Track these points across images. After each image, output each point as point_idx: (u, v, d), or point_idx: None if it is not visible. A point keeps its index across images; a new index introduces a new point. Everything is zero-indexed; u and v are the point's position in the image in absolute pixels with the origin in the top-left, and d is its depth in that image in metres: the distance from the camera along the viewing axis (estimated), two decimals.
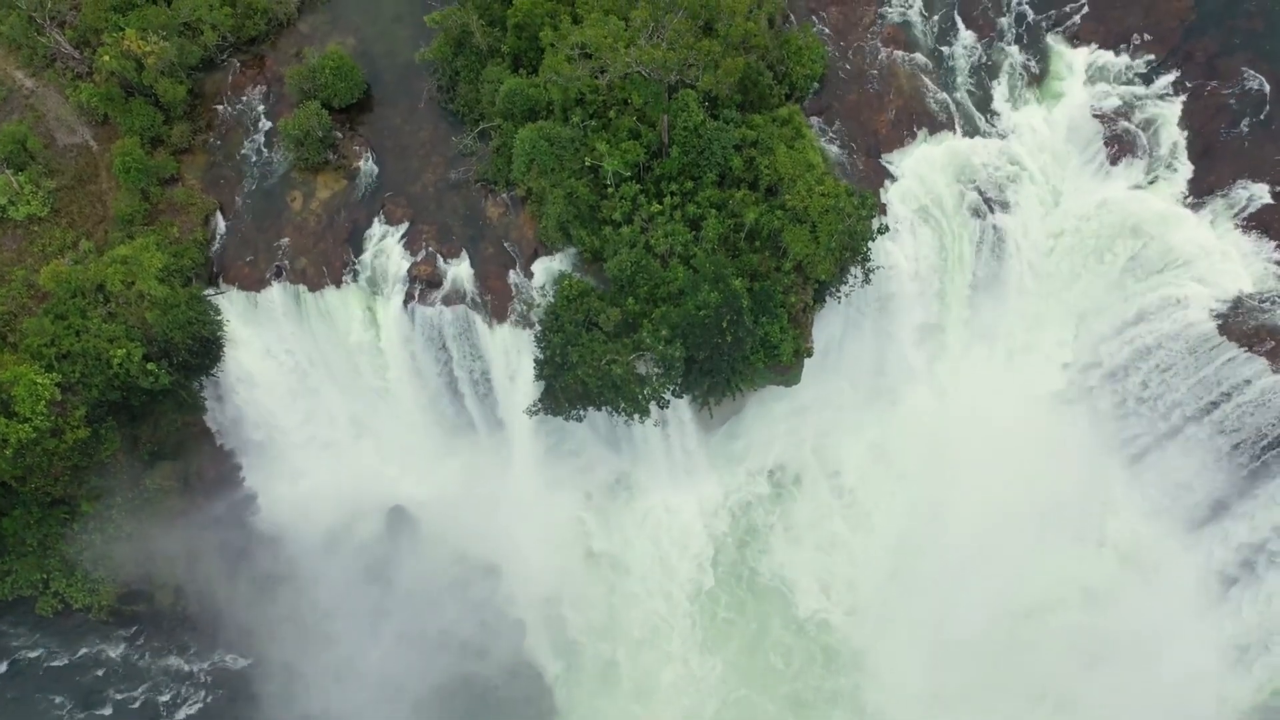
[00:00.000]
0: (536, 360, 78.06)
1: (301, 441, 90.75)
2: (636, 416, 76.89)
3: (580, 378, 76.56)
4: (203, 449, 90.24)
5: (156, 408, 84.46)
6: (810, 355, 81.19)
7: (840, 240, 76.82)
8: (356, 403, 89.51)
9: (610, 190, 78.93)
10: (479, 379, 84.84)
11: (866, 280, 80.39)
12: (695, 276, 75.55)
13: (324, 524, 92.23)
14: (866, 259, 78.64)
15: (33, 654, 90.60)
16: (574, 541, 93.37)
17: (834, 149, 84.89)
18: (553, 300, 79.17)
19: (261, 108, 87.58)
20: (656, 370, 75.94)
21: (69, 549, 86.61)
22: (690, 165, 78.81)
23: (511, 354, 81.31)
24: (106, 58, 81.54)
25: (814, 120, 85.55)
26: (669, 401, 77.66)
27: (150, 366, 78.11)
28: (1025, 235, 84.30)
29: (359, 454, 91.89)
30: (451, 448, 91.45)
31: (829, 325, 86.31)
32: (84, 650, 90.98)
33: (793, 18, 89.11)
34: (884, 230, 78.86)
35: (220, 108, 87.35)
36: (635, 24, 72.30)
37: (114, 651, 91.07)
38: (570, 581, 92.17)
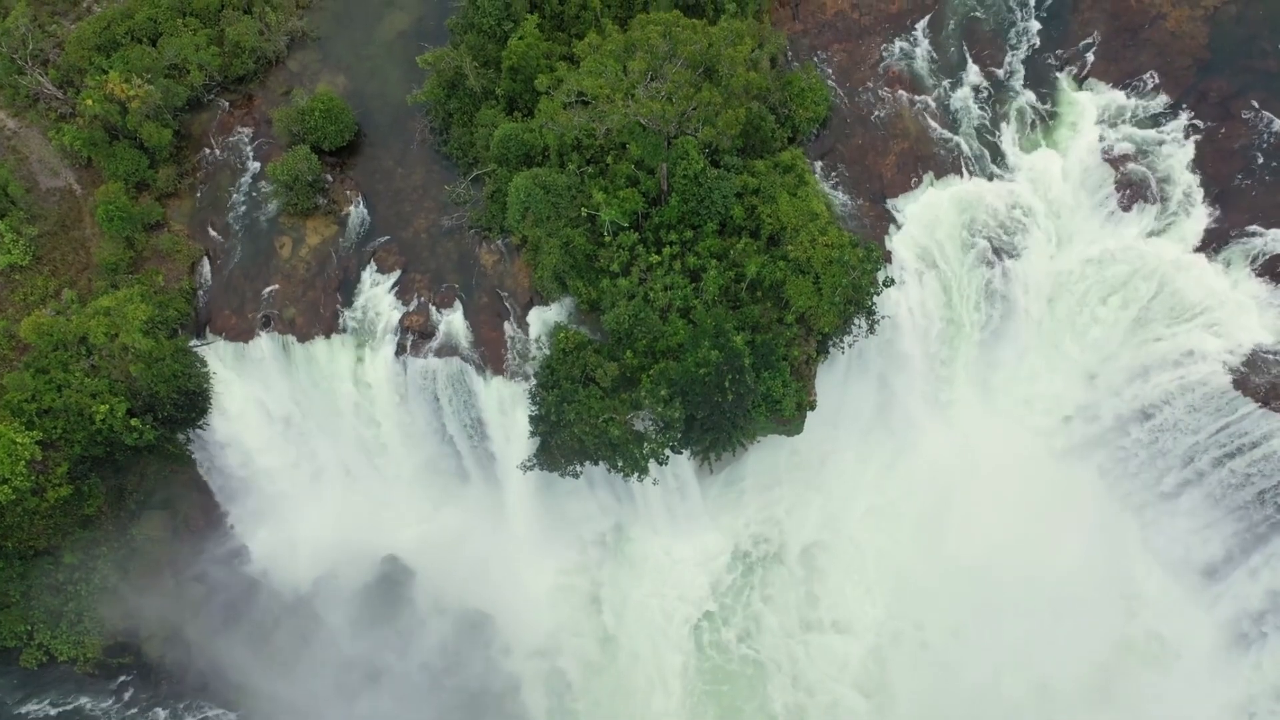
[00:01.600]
0: (531, 416, 75.84)
1: (291, 489, 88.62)
2: (635, 475, 74.59)
3: (577, 435, 74.40)
4: (191, 498, 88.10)
5: (142, 459, 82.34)
6: (813, 408, 78.97)
7: (844, 294, 74.59)
8: (348, 450, 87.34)
9: (607, 239, 76.69)
10: (473, 431, 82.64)
11: (871, 331, 78.14)
12: (695, 332, 73.32)
13: (315, 572, 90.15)
14: (872, 312, 76.34)
15: (17, 708, 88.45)
16: (571, 591, 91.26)
17: (838, 194, 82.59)
18: (548, 353, 77.00)
19: (249, 149, 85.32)
20: (655, 429, 73.74)
21: (54, 600, 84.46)
22: (690, 213, 76.56)
23: (507, 407, 79.13)
24: (89, 101, 79.28)
25: (817, 164, 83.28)
26: (668, 459, 75.42)
27: (134, 422, 75.94)
28: (1034, 283, 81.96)
29: (350, 502, 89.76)
30: (445, 495, 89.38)
31: (832, 372, 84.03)
32: (69, 703, 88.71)
33: (795, 57, 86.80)
34: (890, 283, 76.58)
35: (207, 149, 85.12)
36: (633, 74, 69.88)
37: (100, 705, 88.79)
38: (567, 633, 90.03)
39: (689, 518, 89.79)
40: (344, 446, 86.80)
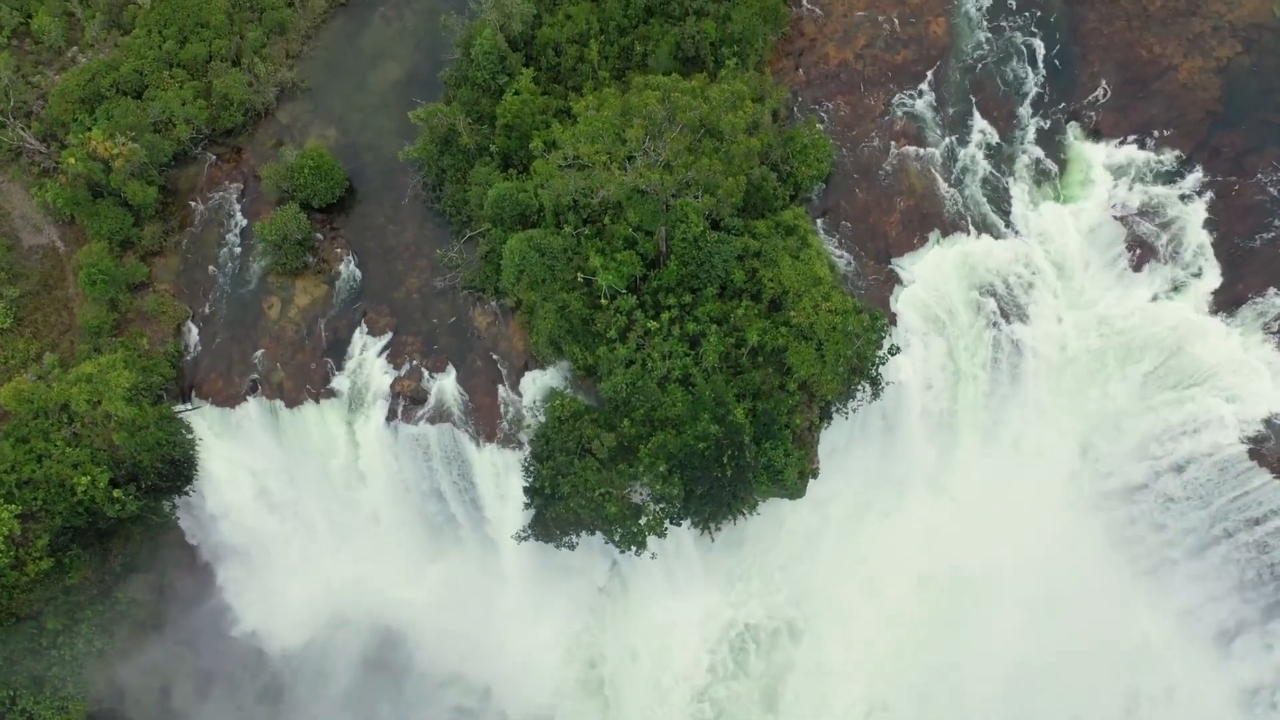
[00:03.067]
0: (526, 488, 73.68)
1: (281, 552, 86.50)
2: (633, 549, 72.39)
3: (572, 509, 72.28)
4: (178, 560, 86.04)
5: (126, 525, 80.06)
6: (815, 476, 76.85)
7: (848, 362, 72.46)
8: (338, 513, 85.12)
9: (604, 302, 74.49)
10: (467, 496, 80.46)
11: (876, 396, 75.95)
12: (695, 403, 71.13)
13: (305, 636, 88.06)
14: (876, 380, 74.19)
15: None
16: (568, 655, 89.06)
17: (841, 253, 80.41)
18: (543, 421, 74.84)
19: (237, 205, 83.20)
20: (653, 500, 71.59)
21: (36, 665, 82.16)
22: (689, 277, 74.34)
23: (501, 475, 77.00)
24: (72, 160, 77.14)
25: (819, 221, 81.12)
26: (667, 532, 73.25)
27: (117, 493, 73.78)
28: (1043, 345, 79.79)
29: (342, 564, 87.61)
30: (438, 558, 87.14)
31: (834, 432, 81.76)
32: None
33: (798, 109, 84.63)
34: (895, 351, 74.37)
35: (194, 205, 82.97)
36: (631, 142, 67.71)
37: None
38: (565, 699, 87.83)
39: (688, 579, 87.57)
40: (335, 509, 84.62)
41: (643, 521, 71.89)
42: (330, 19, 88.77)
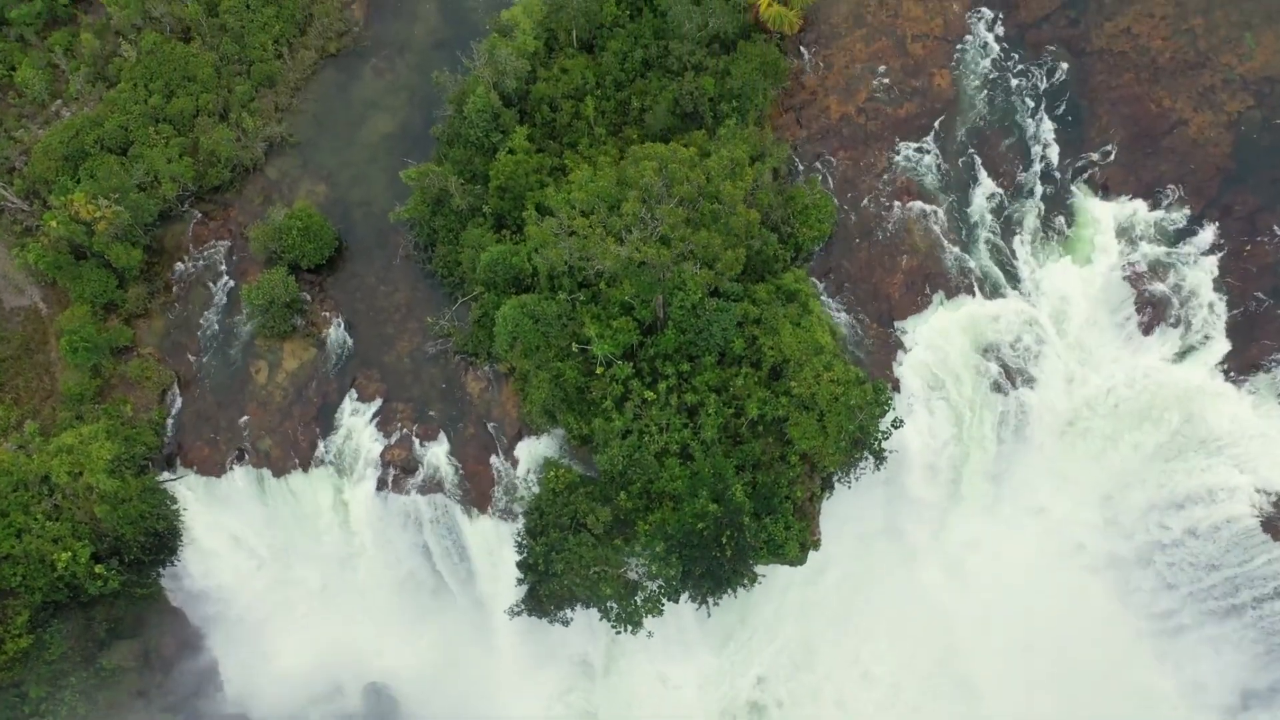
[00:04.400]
0: (519, 563, 71.64)
1: (269, 617, 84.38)
2: (628, 628, 70.32)
3: (566, 586, 70.23)
4: (163, 625, 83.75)
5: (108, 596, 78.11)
6: (817, 548, 74.72)
7: (851, 436, 70.40)
8: (327, 579, 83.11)
9: (600, 370, 72.48)
10: (460, 567, 78.41)
11: (879, 467, 73.84)
12: (694, 479, 69.08)
13: (295, 701, 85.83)
14: (880, 453, 72.11)
15: None
16: (564, 718, 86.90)
17: (843, 316, 78.40)
18: (537, 492, 72.84)
19: (225, 264, 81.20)
20: (649, 580, 69.53)
21: None
22: (688, 344, 72.31)
23: (494, 545, 75.03)
24: (54, 223, 75.12)
25: (820, 283, 79.10)
26: (664, 609, 71.16)
27: (99, 569, 71.80)
28: (1050, 410, 77.78)
29: (331, 629, 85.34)
30: (430, 624, 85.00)
31: (837, 499, 79.58)
32: None
33: (799, 165, 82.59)
34: (898, 424, 72.22)
35: (181, 264, 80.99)
36: (627, 216, 65.66)
37: None
38: None
39: (684, 643, 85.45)
40: (324, 575, 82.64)
41: (639, 599, 69.80)
42: (320, 71, 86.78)
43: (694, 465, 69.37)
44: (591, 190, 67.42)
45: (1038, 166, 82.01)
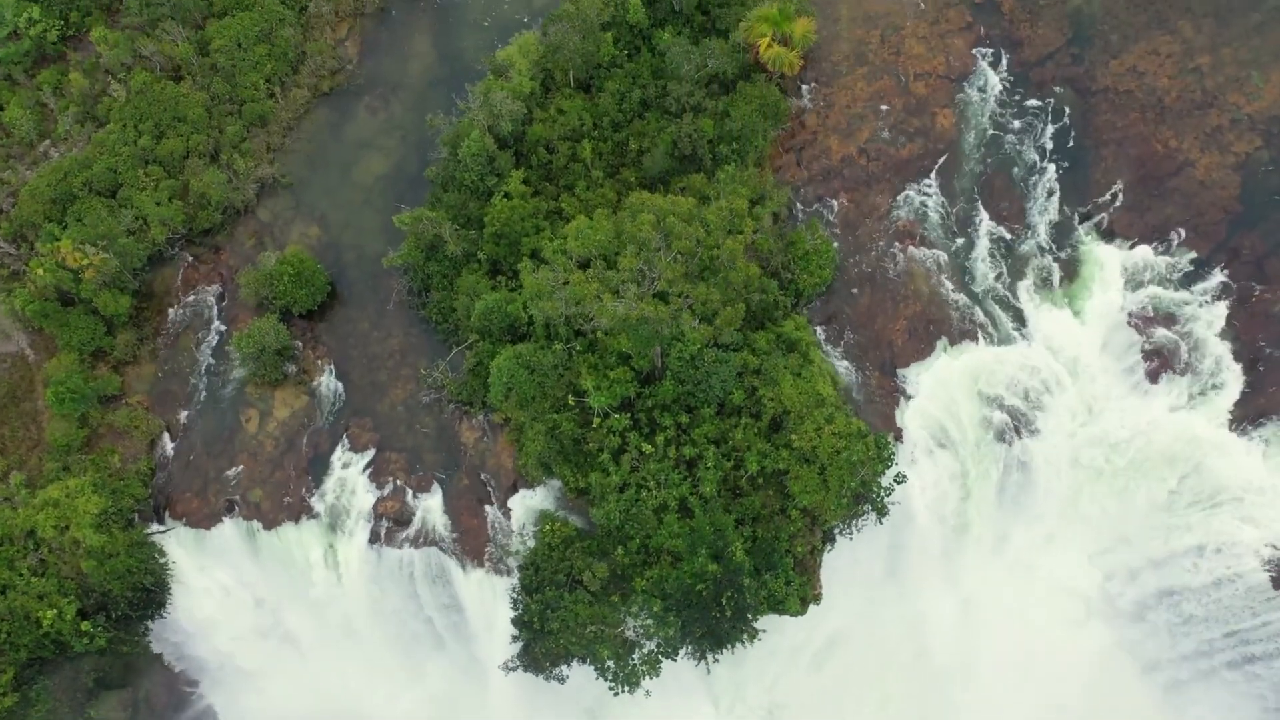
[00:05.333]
0: (514, 620, 70.19)
1: (260, 669, 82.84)
2: (626, 689, 68.88)
3: (562, 644, 68.78)
4: (153, 674, 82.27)
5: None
6: (818, 602, 73.30)
7: (853, 491, 69.00)
8: (319, 631, 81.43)
9: (597, 421, 71.09)
10: (453, 621, 76.93)
11: (881, 520, 72.38)
12: (692, 536, 67.66)
13: None
14: (883, 509, 70.67)
15: None
16: None
17: (844, 364, 76.98)
18: (533, 545, 71.43)
19: (215, 308, 79.79)
20: (647, 639, 68.11)
21: None
22: (686, 395, 70.96)
23: (489, 600, 73.54)
24: (40, 271, 73.74)
25: (822, 330, 77.66)
26: (661, 670, 69.72)
27: (85, 626, 70.36)
28: (1055, 459, 76.33)
29: (322, 681, 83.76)
30: (425, 671, 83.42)
31: (839, 550, 78.11)
32: None
33: (800, 207, 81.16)
34: (901, 480, 70.76)
35: (170, 310, 79.54)
36: (624, 272, 64.24)
37: None
38: None
39: (680, 691, 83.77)
40: (316, 627, 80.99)
41: (637, 659, 68.35)
42: (312, 109, 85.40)
43: (693, 521, 67.97)
44: (588, 242, 65.98)
45: (1042, 209, 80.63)
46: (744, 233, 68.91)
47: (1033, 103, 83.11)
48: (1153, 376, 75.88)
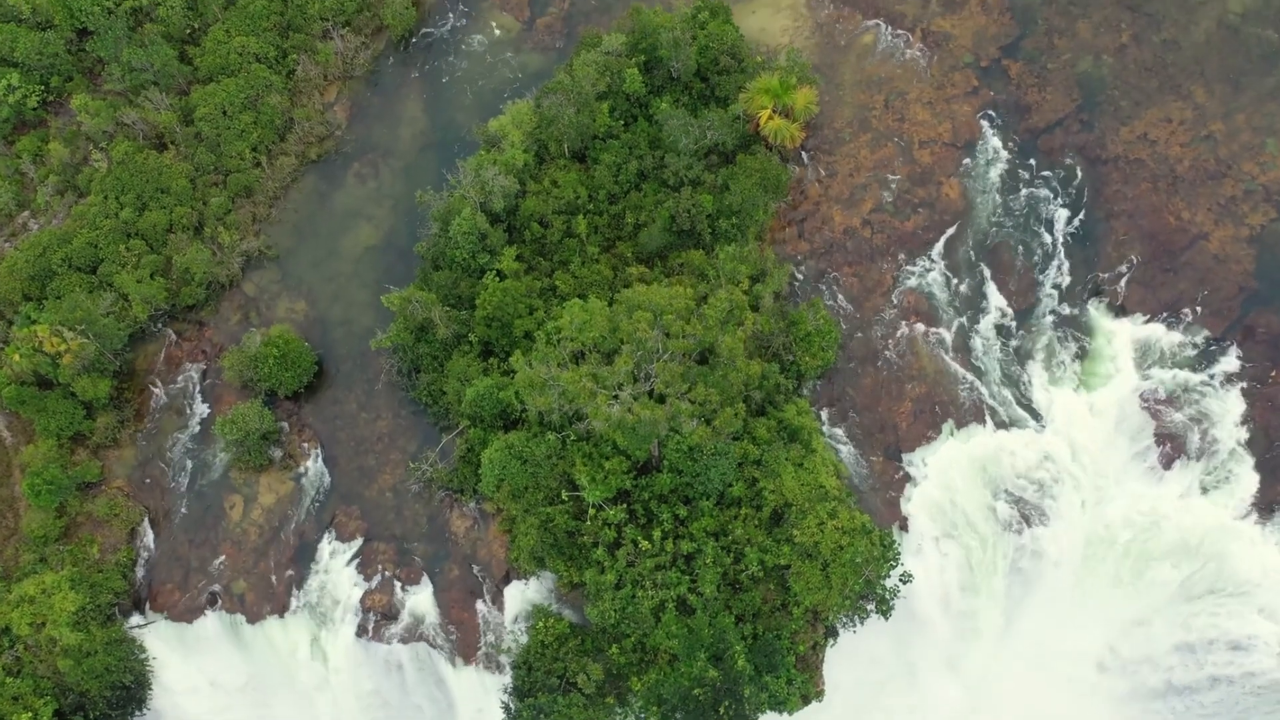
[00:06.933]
0: None
1: None
2: None
3: None
4: None
5: None
6: (820, 699, 70.86)
7: (855, 590, 66.61)
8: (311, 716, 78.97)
9: (592, 512, 68.69)
10: (445, 718, 74.39)
11: (886, 618, 69.78)
12: (691, 638, 65.25)
13: None
14: (887, 609, 68.20)
15: None
16: None
17: (847, 448, 74.61)
18: (526, 641, 69.03)
19: (199, 388, 77.37)
20: None
21: None
22: (685, 486, 68.59)
23: (480, 698, 71.10)
24: (16, 356, 71.30)
25: (824, 413, 75.23)
26: None
27: None
28: (1065, 547, 73.90)
29: None
30: None
31: (841, 641, 75.54)
32: None
33: (802, 281, 78.71)
34: (907, 579, 68.38)
35: (153, 389, 77.10)
36: (619, 374, 61.78)
37: None
38: None
39: None
40: (306, 712, 78.38)
41: None
42: (300, 177, 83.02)
43: (692, 620, 65.57)
44: (584, 336, 63.56)
45: (1051, 284, 78.25)
46: (745, 324, 66.39)
47: (1041, 172, 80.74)
48: (1166, 462, 73.54)
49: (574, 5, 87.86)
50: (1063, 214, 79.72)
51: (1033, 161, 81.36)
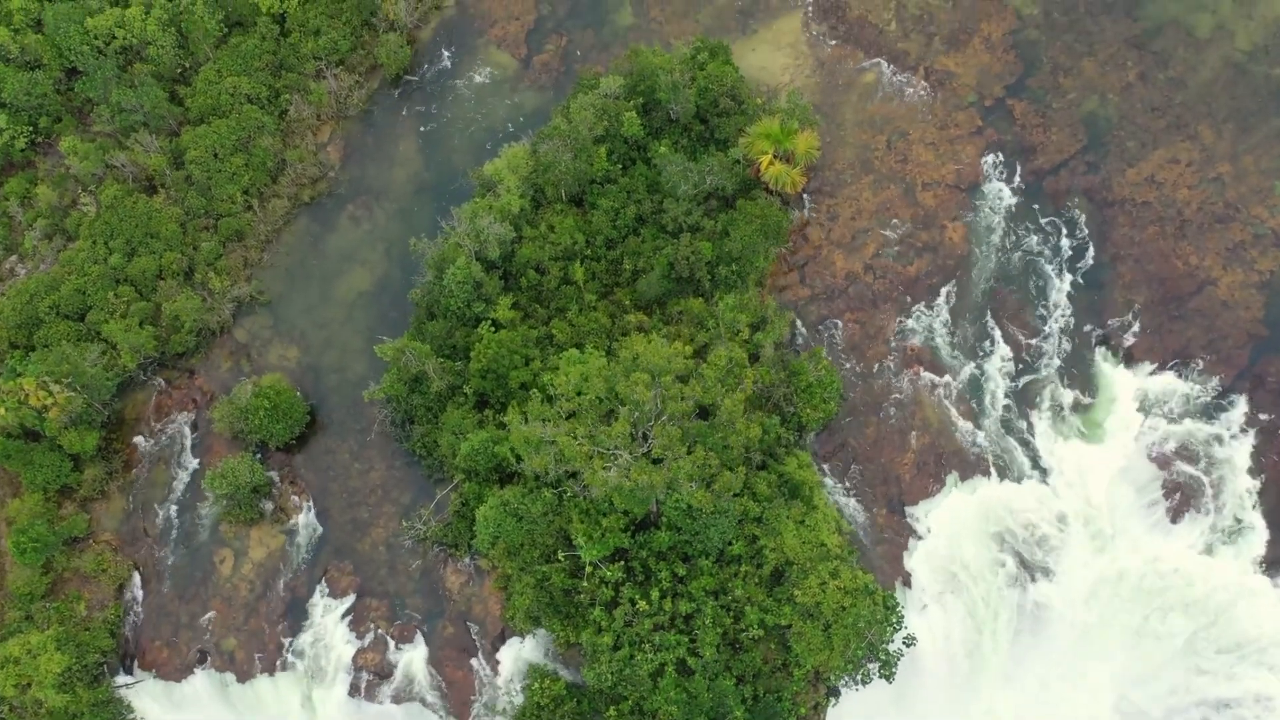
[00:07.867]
0: None
1: None
2: None
3: None
4: None
5: None
6: None
7: (859, 651, 65.19)
8: None
9: (589, 570, 67.31)
10: None
11: (889, 680, 68.30)
12: (691, 703, 63.82)
13: None
14: (890, 673, 66.77)
15: None
16: None
17: (849, 501, 73.22)
18: (521, 704, 67.59)
19: (189, 438, 75.95)
20: None
21: None
22: (683, 544, 67.23)
23: None
24: (2, 410, 69.85)
25: (826, 465, 73.88)
26: None
27: None
28: (1071, 603, 72.41)
29: None
30: None
31: (843, 700, 73.84)
32: None
33: (803, 329, 77.34)
34: (910, 643, 66.95)
35: (141, 440, 75.71)
36: (616, 437, 60.35)
37: None
38: None
39: None
40: None
41: None
42: (293, 220, 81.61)
43: (691, 685, 64.17)
44: (582, 399, 62.14)
45: (1057, 331, 76.83)
46: (745, 382, 65.01)
47: (1047, 215, 79.31)
48: (1174, 515, 72.17)
49: (571, 42, 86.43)
50: (1068, 259, 78.28)
51: (1037, 205, 79.90)
